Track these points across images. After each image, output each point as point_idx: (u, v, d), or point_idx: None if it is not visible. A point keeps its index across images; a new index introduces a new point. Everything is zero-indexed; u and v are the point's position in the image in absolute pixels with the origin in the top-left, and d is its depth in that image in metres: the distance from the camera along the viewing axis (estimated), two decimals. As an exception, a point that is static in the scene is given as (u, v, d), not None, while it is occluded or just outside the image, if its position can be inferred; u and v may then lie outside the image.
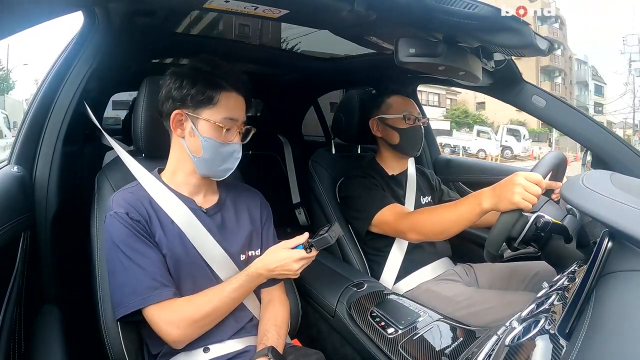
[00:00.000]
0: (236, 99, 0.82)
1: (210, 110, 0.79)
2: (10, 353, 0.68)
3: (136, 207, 0.79)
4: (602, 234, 0.47)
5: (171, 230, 0.81)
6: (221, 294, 0.80)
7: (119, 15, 0.89)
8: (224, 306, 0.80)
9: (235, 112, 0.81)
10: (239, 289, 0.81)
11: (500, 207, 0.82)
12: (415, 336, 0.88)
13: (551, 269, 0.88)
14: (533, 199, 0.79)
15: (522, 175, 0.81)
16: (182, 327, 0.75)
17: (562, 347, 0.42)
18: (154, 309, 0.75)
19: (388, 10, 0.77)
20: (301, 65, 1.66)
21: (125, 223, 0.76)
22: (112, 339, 0.79)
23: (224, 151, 0.81)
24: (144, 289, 0.74)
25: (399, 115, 1.23)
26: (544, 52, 0.84)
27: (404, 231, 1.07)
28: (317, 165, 1.38)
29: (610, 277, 0.42)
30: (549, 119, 1.14)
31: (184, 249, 0.81)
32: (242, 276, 0.82)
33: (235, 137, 0.82)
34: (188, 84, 0.78)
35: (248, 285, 0.82)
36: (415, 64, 0.83)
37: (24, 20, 0.43)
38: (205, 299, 0.79)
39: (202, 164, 0.82)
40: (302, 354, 0.86)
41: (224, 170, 0.84)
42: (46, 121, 0.92)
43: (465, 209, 0.93)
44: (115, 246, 0.76)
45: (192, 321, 0.76)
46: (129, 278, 0.75)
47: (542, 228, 0.78)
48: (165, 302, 0.75)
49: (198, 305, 0.77)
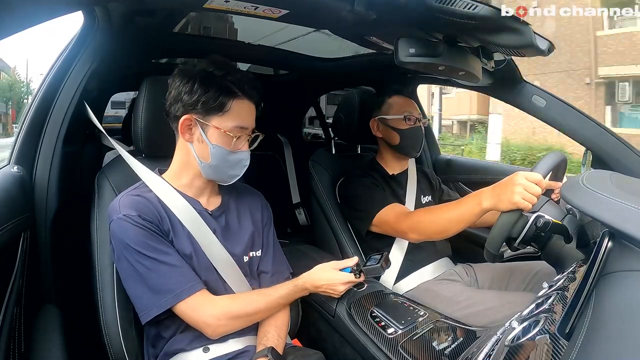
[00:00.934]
0: (248, 106, 0.80)
1: (220, 118, 0.78)
2: (10, 353, 0.68)
3: (147, 208, 0.78)
4: (602, 234, 0.47)
5: (181, 232, 0.81)
6: (267, 297, 0.84)
7: (119, 15, 0.89)
8: (267, 310, 0.84)
9: (246, 121, 0.80)
10: (285, 297, 0.86)
11: (500, 206, 0.82)
12: (415, 336, 0.88)
13: (551, 269, 0.88)
14: (533, 198, 0.79)
15: (522, 175, 0.81)
16: (222, 319, 0.78)
17: (562, 347, 0.42)
18: (188, 303, 0.75)
19: (388, 10, 0.77)
20: (301, 65, 1.66)
21: (139, 224, 0.75)
22: (112, 339, 0.79)
23: (233, 159, 0.81)
24: (175, 285, 0.75)
25: (399, 115, 1.23)
26: (544, 52, 0.84)
27: (404, 231, 1.07)
28: (317, 165, 1.38)
29: (610, 277, 0.42)
30: (549, 119, 1.14)
31: (193, 251, 0.80)
32: (289, 285, 0.87)
33: (244, 145, 0.82)
34: (200, 89, 0.76)
35: (292, 296, 0.87)
36: (415, 64, 0.83)
37: (24, 20, 0.43)
38: (251, 298, 0.83)
39: (210, 169, 0.81)
40: (302, 355, 0.86)
41: (230, 176, 0.83)
42: (46, 121, 0.92)
43: (465, 208, 0.93)
44: (131, 250, 0.74)
45: (234, 316, 0.79)
46: (157, 278, 0.74)
47: (542, 228, 0.78)
48: (199, 294, 0.76)
49: (242, 303, 0.81)
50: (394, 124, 1.23)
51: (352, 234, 1.26)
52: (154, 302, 0.74)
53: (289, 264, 0.98)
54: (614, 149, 1.06)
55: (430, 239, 1.08)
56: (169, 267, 0.75)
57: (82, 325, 0.89)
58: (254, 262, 0.90)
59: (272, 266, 0.93)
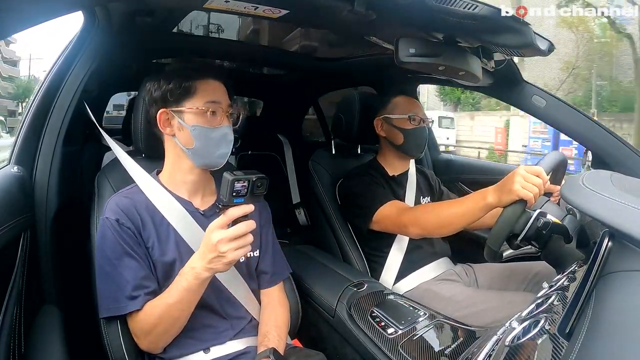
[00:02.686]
0: (215, 83, 0.82)
1: (190, 100, 0.80)
2: (10, 353, 0.68)
3: (129, 213, 0.79)
4: (602, 234, 0.47)
5: (166, 235, 0.81)
6: (165, 300, 0.74)
7: (119, 15, 0.89)
8: (175, 318, 0.74)
9: (215, 95, 0.81)
10: (188, 289, 0.72)
11: (504, 199, 0.84)
12: (415, 336, 0.88)
13: (551, 269, 0.88)
14: (534, 188, 0.80)
15: (522, 167, 0.84)
16: (141, 337, 0.77)
17: (562, 347, 0.42)
18: (128, 318, 0.77)
19: (388, 10, 0.77)
20: (301, 65, 1.66)
21: (113, 230, 0.77)
22: (112, 339, 0.79)
23: (215, 136, 0.80)
24: (112, 300, 0.76)
25: (404, 115, 1.23)
26: (544, 52, 0.84)
27: (405, 225, 1.06)
28: (317, 165, 1.38)
29: (610, 277, 0.42)
30: (549, 119, 1.14)
31: (177, 256, 0.80)
32: (182, 281, 0.72)
33: (224, 121, 0.82)
34: (164, 82, 0.81)
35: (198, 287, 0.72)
36: (415, 64, 0.83)
37: (24, 20, 0.43)
38: (151, 308, 0.75)
39: (197, 154, 0.81)
40: (304, 355, 0.86)
41: (220, 156, 0.82)
42: (46, 121, 0.92)
43: (469, 203, 0.94)
44: (101, 251, 0.78)
45: (146, 332, 0.76)
46: (106, 285, 0.77)
47: (542, 228, 0.78)
48: (131, 314, 0.76)
49: (147, 316, 0.75)
50: (399, 124, 1.23)
51: (352, 234, 1.26)
52: (101, 305, 0.77)
53: (288, 264, 0.98)
54: (614, 149, 1.06)
55: (432, 235, 1.08)
56: (114, 283, 0.76)
57: (82, 325, 0.89)
58: (252, 263, 0.90)
59: (271, 266, 0.93)
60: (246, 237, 0.68)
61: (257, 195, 0.67)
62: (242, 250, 0.68)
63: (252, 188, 0.66)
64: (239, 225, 0.67)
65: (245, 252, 0.69)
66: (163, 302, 0.74)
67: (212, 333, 0.82)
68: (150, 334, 0.76)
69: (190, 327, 0.79)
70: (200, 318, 0.80)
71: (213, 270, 0.70)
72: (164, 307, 0.73)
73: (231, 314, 0.85)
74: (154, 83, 0.83)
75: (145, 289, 0.76)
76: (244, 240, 0.68)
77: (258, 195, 0.67)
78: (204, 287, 0.74)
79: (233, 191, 0.64)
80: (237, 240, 0.67)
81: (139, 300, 0.75)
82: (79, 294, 0.93)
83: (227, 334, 0.83)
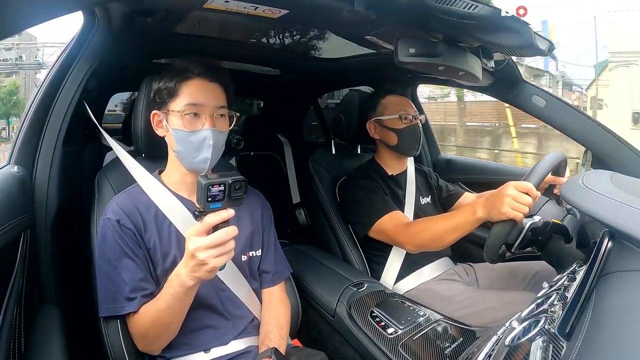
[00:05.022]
0: (200, 84, 0.80)
1: (174, 102, 0.80)
2: (10, 353, 0.68)
3: (130, 214, 0.79)
4: (602, 234, 0.47)
5: (168, 234, 0.81)
6: (156, 304, 0.73)
7: (119, 15, 0.89)
8: (165, 318, 0.73)
9: (198, 98, 0.79)
10: (175, 295, 0.69)
11: (493, 217, 0.85)
12: (415, 336, 0.88)
13: (551, 269, 0.88)
14: (523, 208, 0.80)
15: (512, 186, 0.83)
16: (137, 339, 0.78)
17: (562, 347, 0.42)
18: (126, 319, 0.78)
19: (388, 10, 0.77)
20: (301, 65, 1.66)
21: (114, 231, 0.77)
22: (112, 339, 0.79)
23: (195, 140, 0.78)
24: (110, 301, 0.76)
25: (394, 115, 1.23)
26: (544, 52, 0.84)
27: (402, 243, 1.09)
28: (317, 165, 1.38)
29: (610, 277, 0.42)
30: (549, 119, 1.14)
31: (179, 253, 0.79)
32: (169, 289, 0.70)
33: (205, 124, 0.78)
34: (156, 83, 0.82)
35: (176, 292, 0.69)
36: (415, 64, 0.83)
37: (23, 20, 0.43)
38: (145, 312, 0.75)
39: (181, 157, 0.81)
40: (305, 355, 0.86)
41: (201, 161, 0.79)
42: (46, 121, 0.92)
43: (460, 218, 0.95)
44: (101, 252, 0.78)
45: (141, 335, 0.77)
46: (105, 285, 0.77)
47: (542, 228, 0.78)
48: (128, 315, 0.77)
49: (141, 319, 0.75)
50: (390, 124, 1.23)
51: (352, 234, 1.26)
52: (100, 305, 0.77)
53: (288, 264, 0.98)
54: (614, 149, 1.06)
55: (429, 249, 1.10)
56: (113, 284, 0.76)
57: (82, 325, 0.89)
58: (253, 262, 0.90)
59: (273, 266, 0.93)
60: (227, 244, 0.63)
61: (236, 199, 0.62)
62: (225, 257, 0.64)
63: (229, 191, 0.61)
64: (217, 233, 0.62)
65: (229, 259, 0.65)
66: (154, 307, 0.74)
67: (213, 334, 0.82)
68: (145, 337, 0.76)
69: (192, 329, 0.79)
70: (202, 319, 0.80)
71: (197, 279, 0.66)
72: (155, 312, 0.73)
73: (233, 313, 0.85)
74: (150, 84, 0.83)
75: (143, 291, 0.76)
76: (225, 248, 0.63)
77: (236, 199, 0.62)
78: (191, 294, 0.71)
79: (208, 196, 0.59)
80: (217, 248, 0.62)
81: (136, 302, 0.75)
82: (79, 294, 0.93)
83: (229, 335, 0.83)
